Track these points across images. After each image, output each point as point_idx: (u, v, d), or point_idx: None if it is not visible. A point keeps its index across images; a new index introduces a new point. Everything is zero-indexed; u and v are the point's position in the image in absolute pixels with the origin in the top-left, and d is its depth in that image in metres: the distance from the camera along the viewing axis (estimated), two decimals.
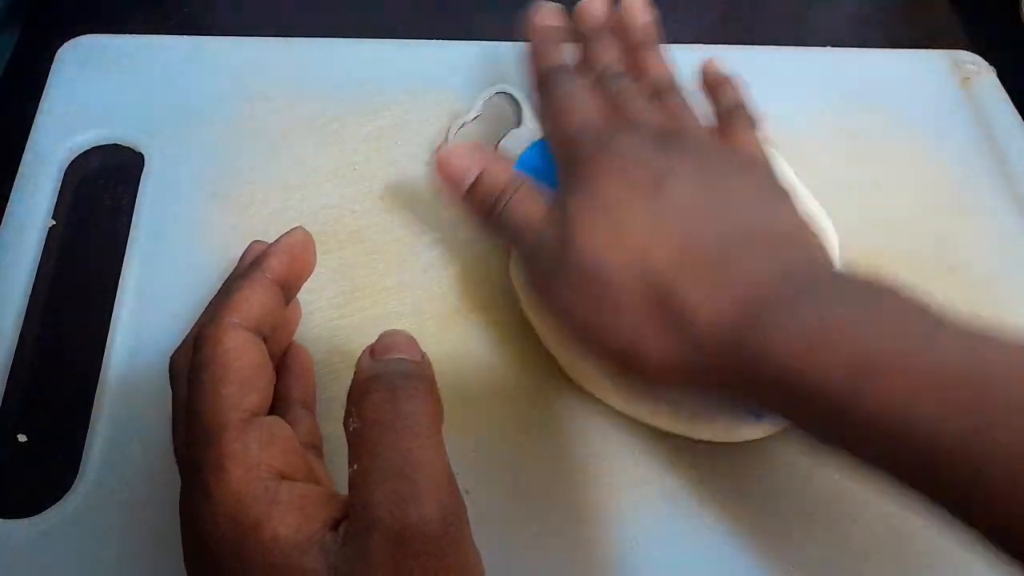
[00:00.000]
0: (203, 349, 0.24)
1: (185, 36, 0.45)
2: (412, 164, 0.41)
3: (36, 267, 0.37)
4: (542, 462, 0.33)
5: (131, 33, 0.45)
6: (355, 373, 0.24)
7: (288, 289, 0.28)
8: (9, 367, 0.34)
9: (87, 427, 0.33)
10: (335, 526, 0.22)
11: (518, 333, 0.36)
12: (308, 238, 0.28)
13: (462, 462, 0.31)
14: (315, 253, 0.29)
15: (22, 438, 0.34)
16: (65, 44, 0.44)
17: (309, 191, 0.40)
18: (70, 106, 0.42)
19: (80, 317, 0.36)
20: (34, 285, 0.37)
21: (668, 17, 0.37)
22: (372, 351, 0.25)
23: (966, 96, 0.47)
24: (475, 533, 0.23)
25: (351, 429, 0.23)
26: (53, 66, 0.43)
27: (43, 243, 0.38)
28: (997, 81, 0.48)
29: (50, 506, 0.31)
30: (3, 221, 0.38)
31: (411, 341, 0.25)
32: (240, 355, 0.24)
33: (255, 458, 0.22)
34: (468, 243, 0.39)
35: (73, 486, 0.32)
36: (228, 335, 0.24)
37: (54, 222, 0.39)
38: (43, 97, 0.42)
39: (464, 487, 0.23)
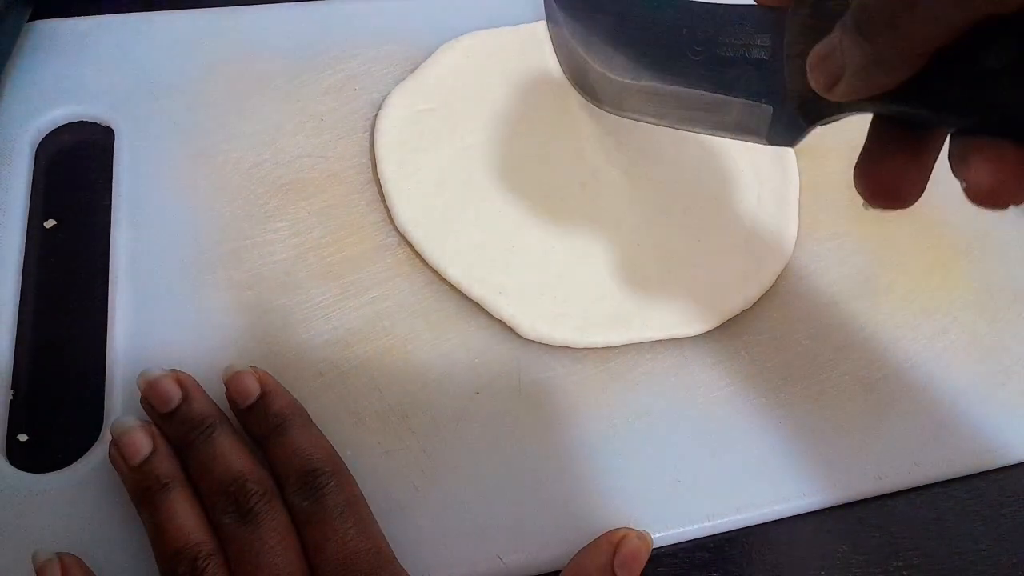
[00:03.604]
0: None
1: (134, 13, 0.46)
2: (377, 110, 0.43)
3: (23, 247, 0.38)
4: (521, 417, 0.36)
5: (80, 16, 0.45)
6: None
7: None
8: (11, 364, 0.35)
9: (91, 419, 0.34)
10: None
11: None
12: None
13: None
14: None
15: (23, 438, 0.34)
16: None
17: (281, 144, 0.41)
18: (33, 89, 0.42)
19: (75, 289, 0.37)
20: (24, 265, 0.37)
21: None
22: None
23: None
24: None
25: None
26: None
27: (27, 223, 0.38)
28: None
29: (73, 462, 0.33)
30: None
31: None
32: None
33: None
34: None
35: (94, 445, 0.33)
36: None
37: (55, 222, 0.39)
38: (4, 82, 0.42)
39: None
